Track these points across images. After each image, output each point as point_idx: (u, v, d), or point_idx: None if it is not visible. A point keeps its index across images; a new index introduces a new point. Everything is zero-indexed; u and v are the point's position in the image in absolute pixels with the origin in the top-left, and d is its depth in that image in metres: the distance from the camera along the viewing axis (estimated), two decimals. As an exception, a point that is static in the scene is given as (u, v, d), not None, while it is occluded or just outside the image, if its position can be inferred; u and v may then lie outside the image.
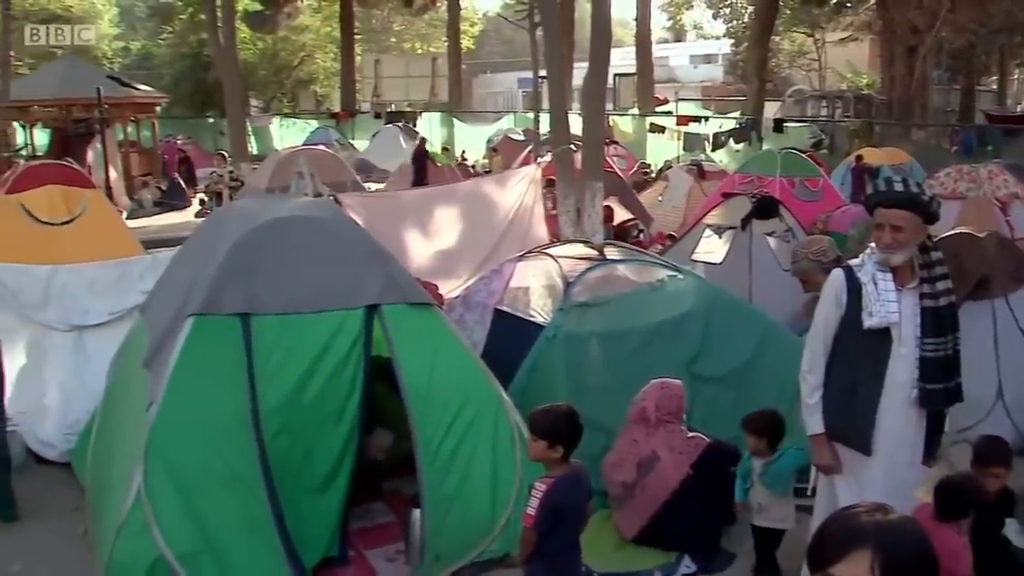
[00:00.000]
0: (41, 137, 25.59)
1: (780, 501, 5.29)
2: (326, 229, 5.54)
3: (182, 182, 23.19)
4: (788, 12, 37.81)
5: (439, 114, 36.08)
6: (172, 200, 22.18)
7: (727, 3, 50.51)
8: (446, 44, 41.50)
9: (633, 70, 35.99)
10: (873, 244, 4.53)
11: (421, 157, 23.14)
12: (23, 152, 23.93)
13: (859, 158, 17.99)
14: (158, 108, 26.75)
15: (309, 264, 5.32)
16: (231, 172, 19.24)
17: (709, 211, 11.38)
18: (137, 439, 5.02)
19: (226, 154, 21.52)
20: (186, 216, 20.74)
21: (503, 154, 24.41)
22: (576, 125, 13.61)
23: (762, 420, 5.35)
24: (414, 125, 32.19)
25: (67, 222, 10.10)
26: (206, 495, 4.93)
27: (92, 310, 7.57)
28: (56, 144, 22.20)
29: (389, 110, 36.00)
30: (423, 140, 24.50)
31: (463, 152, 29.96)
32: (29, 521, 6.47)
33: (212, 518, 4.91)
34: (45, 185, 10.38)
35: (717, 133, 25.53)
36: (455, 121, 35.04)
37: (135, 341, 6.14)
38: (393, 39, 56.88)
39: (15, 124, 23.50)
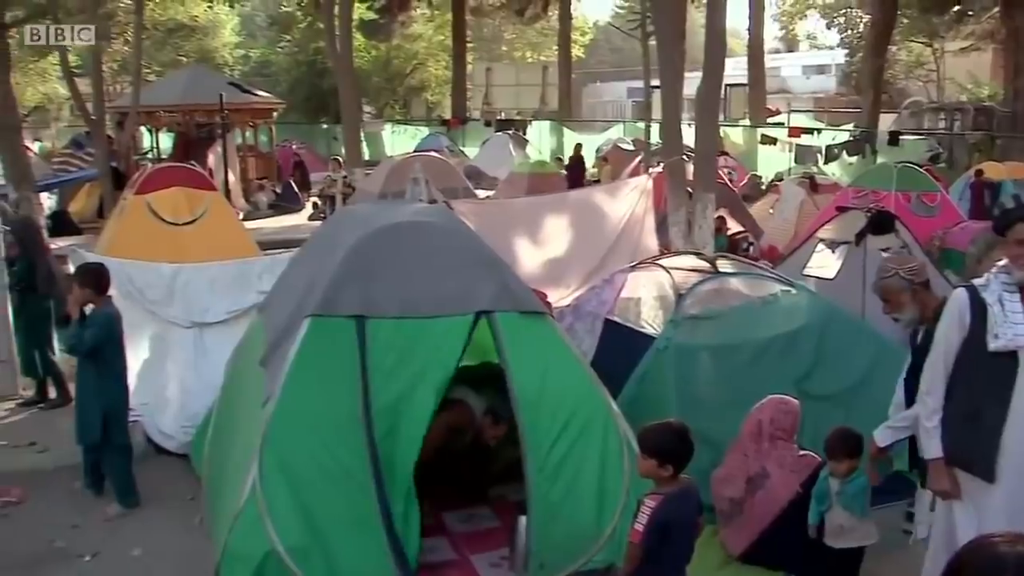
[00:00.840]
0: (165, 141, 26.63)
1: (860, 521, 5.13)
2: (441, 235, 5.62)
3: (296, 186, 23.77)
4: (906, 21, 36.68)
5: (548, 123, 36.20)
6: (286, 203, 22.77)
7: (842, 12, 49.32)
8: (557, 53, 41.60)
9: (744, 80, 35.45)
10: (1001, 263, 4.36)
11: (578, 164, 23.22)
12: (149, 155, 24.93)
13: (979, 172, 17.36)
14: (275, 114, 27.50)
15: (424, 269, 5.40)
16: (345, 177, 19.64)
17: (822, 225, 11.14)
18: (253, 434, 5.17)
19: (340, 159, 21.98)
20: (299, 219, 21.29)
21: (612, 164, 24.35)
22: (688, 136, 13.49)
23: (840, 440, 5.17)
24: (524, 133, 32.35)
25: (189, 222, 10.52)
26: (317, 491, 5.04)
27: (212, 308, 7.84)
28: (179, 148, 23.02)
29: (499, 118, 36.26)
30: (579, 146, 24.58)
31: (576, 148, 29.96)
32: (149, 508, 6.74)
33: (322, 514, 5.02)
34: (170, 187, 10.82)
35: (830, 145, 24.93)
36: (564, 130, 35.09)
37: (252, 339, 6.33)
38: (504, 48, 57.32)
39: (142, 128, 24.47)
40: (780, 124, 30.57)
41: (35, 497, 7.00)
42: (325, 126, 38.62)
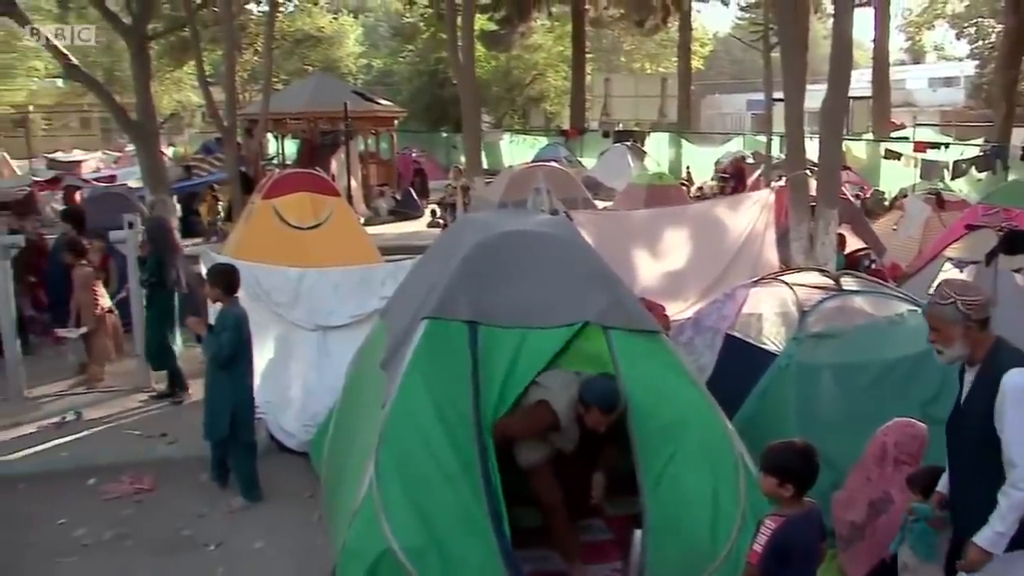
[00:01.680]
0: (290, 147, 27.46)
1: (922, 564, 4.79)
2: (557, 246, 5.66)
3: (415, 193, 24.18)
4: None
5: (667, 134, 35.92)
6: (406, 209, 23.22)
7: (972, 22, 47.50)
8: (676, 64, 41.26)
9: (868, 93, 34.48)
10: None
11: (740, 173, 22.96)
12: (274, 161, 25.74)
13: (1120, 190, 16.42)
14: (396, 122, 28.03)
15: (537, 279, 5.45)
16: (465, 185, 19.88)
17: (950, 243, 10.78)
18: (371, 435, 5.30)
19: (461, 168, 22.25)
20: (418, 225, 21.68)
21: (732, 177, 24.05)
22: (810, 149, 13.21)
23: (920, 476, 4.94)
24: (642, 145, 32.17)
25: (314, 227, 10.80)
26: (431, 492, 5.13)
27: (336, 312, 8.06)
28: (304, 154, 23.66)
29: (617, 129, 36.15)
30: (742, 158, 24.37)
31: (688, 169, 29.65)
32: (270, 503, 6.98)
33: (436, 514, 5.10)
34: (296, 192, 11.11)
35: (958, 161, 23.94)
36: (683, 142, 34.77)
37: (374, 343, 6.48)
38: (623, 59, 57.19)
39: (268, 135, 25.28)
40: (905, 138, 29.61)
41: (165, 486, 7.35)
42: (445, 135, 39.21)
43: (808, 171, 12.66)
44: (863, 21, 32.34)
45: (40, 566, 6.15)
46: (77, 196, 20.36)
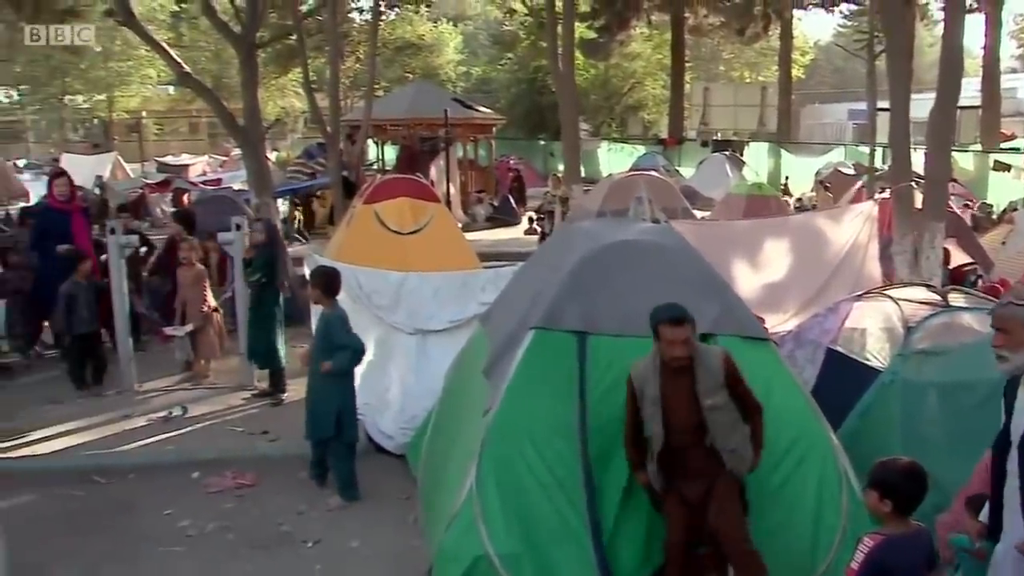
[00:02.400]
0: (389, 153, 27.87)
1: None
2: (666, 255, 5.63)
3: (513, 200, 24.28)
4: None
5: (766, 144, 35.40)
6: (503, 216, 23.34)
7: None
8: (776, 73, 40.62)
9: (976, 102, 33.38)
10: None
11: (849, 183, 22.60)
12: (374, 166, 26.15)
13: None
14: (495, 129, 28.20)
15: (647, 288, 5.41)
16: (564, 196, 19.88)
17: (1062, 259, 10.35)
18: (472, 440, 5.34)
19: (560, 176, 22.27)
20: (515, 232, 21.78)
21: (833, 188, 23.53)
22: (916, 160, 12.87)
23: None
24: (741, 154, 31.77)
25: (414, 232, 10.92)
26: (530, 500, 5.16)
27: (436, 316, 8.13)
28: (403, 160, 23.93)
29: (715, 138, 35.79)
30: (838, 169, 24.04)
31: (786, 180, 29.13)
32: (367, 503, 7.07)
33: (534, 523, 5.13)
34: (397, 197, 11.25)
35: (1072, 173, 23.08)
36: (782, 152, 34.21)
37: (474, 349, 6.53)
38: (722, 67, 56.60)
39: (368, 140, 25.73)
40: (1015, 149, 28.62)
41: (266, 482, 7.52)
42: (542, 142, 39.34)
43: (913, 183, 12.32)
44: (973, 27, 31.39)
45: (149, 554, 6.36)
46: (185, 198, 21.07)
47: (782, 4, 36.99)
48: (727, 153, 30.66)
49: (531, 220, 21.79)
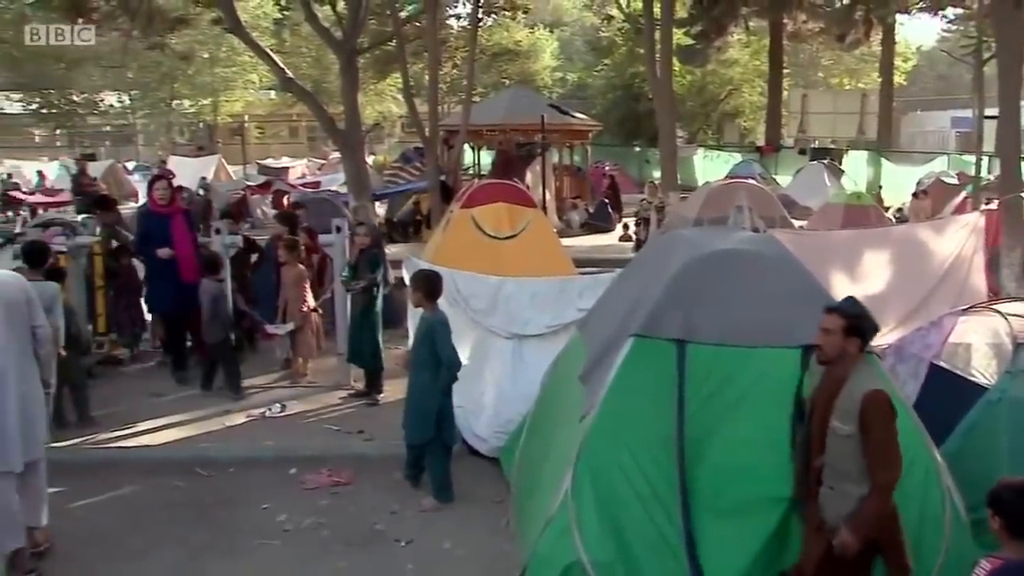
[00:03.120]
0: (485, 158, 28.04)
1: None
2: (768, 265, 5.53)
3: (608, 206, 24.17)
4: None
5: (866, 152, 34.54)
6: (598, 222, 23.25)
7: None
8: (876, 80, 39.60)
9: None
10: None
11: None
12: (470, 171, 26.34)
13: None
14: (590, 135, 28.11)
15: (748, 298, 5.33)
16: (660, 204, 19.73)
17: None
18: (568, 446, 5.32)
19: (657, 183, 22.11)
20: (610, 239, 21.69)
21: (933, 198, 22.81)
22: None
23: None
24: (839, 163, 31.07)
25: (510, 236, 10.93)
26: (625, 508, 5.12)
27: (532, 321, 8.12)
28: (499, 165, 24.07)
29: (813, 146, 35.07)
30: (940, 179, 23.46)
31: (879, 189, 28.37)
32: (459, 505, 7.11)
33: (628, 531, 5.09)
34: (494, 202, 11.28)
35: None
36: (882, 160, 33.33)
37: (571, 355, 6.51)
38: (821, 74, 55.39)
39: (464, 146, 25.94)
40: None
41: (360, 481, 7.63)
42: (638, 149, 39.12)
43: (1023, 194, 11.87)
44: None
45: (247, 546, 6.51)
46: (285, 200, 21.53)
47: (885, 9, 36.03)
48: (825, 161, 30.00)
49: (626, 227, 21.66)
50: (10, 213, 27.82)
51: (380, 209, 20.85)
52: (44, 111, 51.52)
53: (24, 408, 5.82)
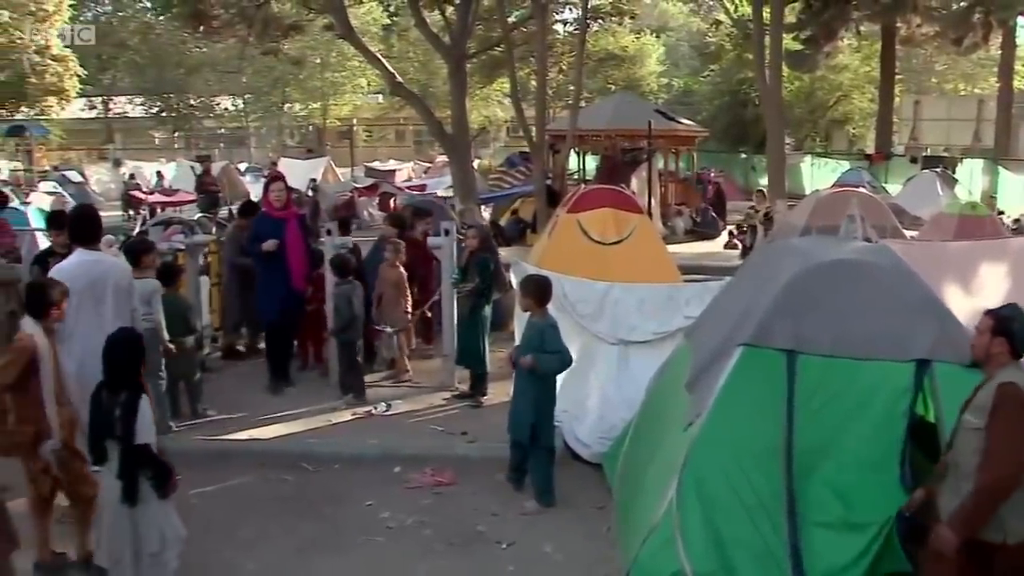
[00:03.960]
0: (590, 163, 27.99)
1: None
2: (883, 275, 5.38)
3: (714, 213, 23.86)
4: None
5: (982, 161, 33.29)
6: (703, 229, 22.96)
7: None
8: (995, 85, 38.12)
9: None
10: None
11: None
12: (575, 176, 26.31)
13: None
14: (696, 141, 27.78)
15: (862, 309, 5.21)
16: (768, 213, 19.37)
17: None
18: (673, 455, 5.27)
19: (765, 191, 21.75)
20: (714, 246, 21.39)
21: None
22: None
23: None
24: (953, 171, 30.02)
25: (616, 242, 10.88)
26: (730, 519, 5.05)
27: (639, 327, 8.09)
28: (604, 170, 24.02)
29: (925, 154, 33.97)
30: None
31: (991, 198, 27.28)
32: (561, 510, 7.10)
33: (732, 542, 5.02)
34: (601, 207, 11.25)
35: None
36: (999, 169, 32.05)
37: (677, 363, 6.44)
38: (934, 79, 53.63)
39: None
40: None
41: (463, 482, 7.68)
42: (744, 155, 38.49)
43: None
44: None
45: (351, 541, 6.63)
46: (391, 202, 21.88)
47: (1008, 11, 34.67)
48: (938, 170, 29.01)
49: (731, 234, 21.35)
50: (131, 212, 29.06)
51: (485, 213, 20.93)
52: (164, 114, 53.71)
53: None
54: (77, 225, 7.03)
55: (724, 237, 22.02)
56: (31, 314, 5.98)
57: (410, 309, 10.43)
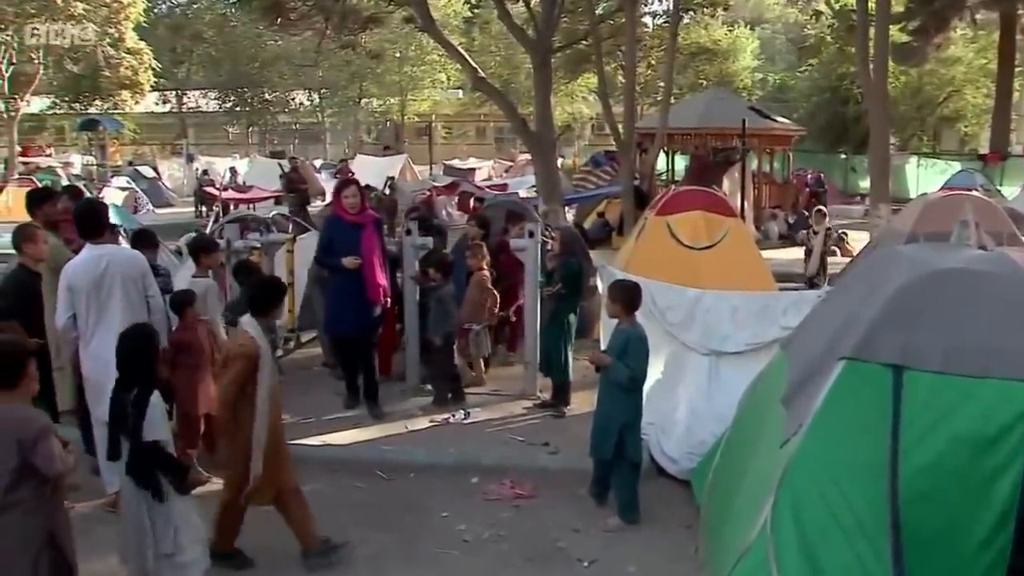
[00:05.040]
0: (678, 163, 27.79)
1: None
2: (1002, 286, 5.21)
3: (810, 217, 23.47)
4: None
5: (1110, 161, 32.21)
6: (798, 234, 22.59)
7: None
8: None
9: None
10: None
11: None
12: (662, 176, 26.17)
13: None
14: (792, 140, 27.37)
15: (978, 323, 5.04)
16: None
17: None
18: (768, 474, 5.19)
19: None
20: (811, 254, 21.01)
21: None
22: None
23: None
24: (1075, 172, 29.11)
25: (707, 247, 10.81)
26: (828, 543, 4.93)
27: (731, 338, 8.02)
28: (694, 171, 23.82)
29: (1047, 154, 32.99)
30: None
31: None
32: (646, 527, 7.06)
33: (830, 568, 4.90)
34: (692, 210, 11.19)
35: None
36: None
37: (773, 376, 6.35)
38: (1059, 72, 51.98)
39: (654, 149, 25.81)
40: None
41: (543, 495, 7.69)
42: (843, 156, 37.83)
43: None
44: None
45: (426, 553, 6.68)
46: (471, 202, 22.04)
47: None
48: (1061, 171, 28.16)
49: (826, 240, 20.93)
50: (204, 208, 29.79)
51: (568, 214, 20.94)
52: (237, 109, 54.91)
53: None
54: (81, 219, 7.23)
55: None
56: (255, 312, 6.18)
57: (496, 310, 10.48)
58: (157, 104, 54.64)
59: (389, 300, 9.67)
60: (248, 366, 5.92)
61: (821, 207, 19.89)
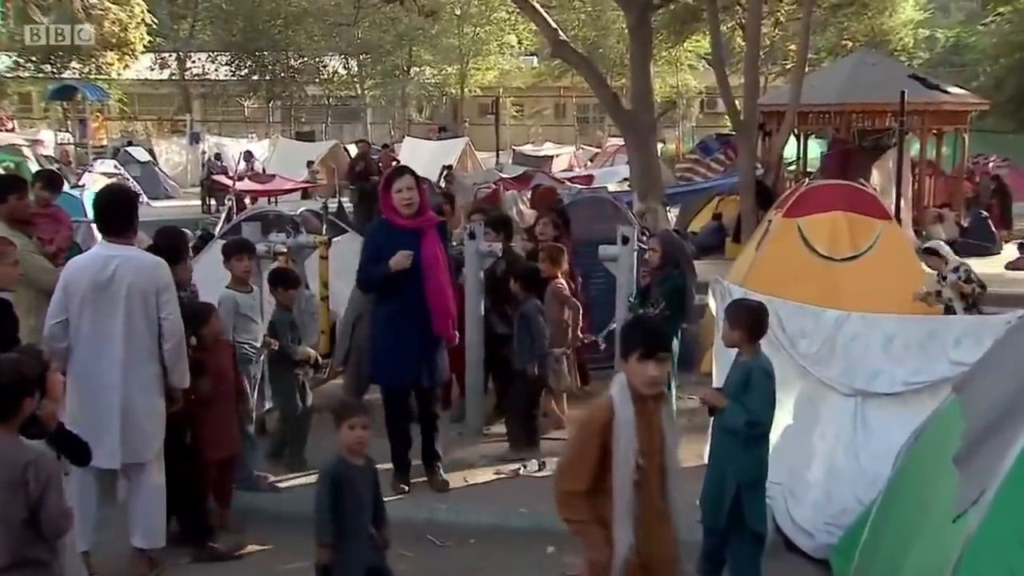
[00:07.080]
0: (813, 150, 27.44)
1: None
2: None
3: (992, 220, 23.13)
4: None
5: None
6: (975, 240, 22.18)
7: None
8: None
9: None
10: None
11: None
12: (792, 166, 25.93)
13: None
14: (970, 117, 26.67)
15: None
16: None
17: None
18: (939, 554, 5.13)
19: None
20: (992, 265, 20.66)
21: None
22: None
23: None
24: None
25: (850, 258, 10.75)
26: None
27: (884, 374, 7.89)
28: (833, 159, 23.54)
29: None
30: None
31: None
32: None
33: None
34: (830, 210, 11.15)
35: None
36: None
37: (943, 426, 6.28)
38: None
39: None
40: None
41: (639, 573, 7.67)
42: (1041, 137, 36.95)
43: None
44: None
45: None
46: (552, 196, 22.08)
47: None
48: None
49: (1022, 248, 20.70)
50: (213, 202, 30.13)
51: (671, 214, 20.93)
52: (255, 78, 54.85)
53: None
54: (104, 210, 7.33)
55: (1009, 252, 21.43)
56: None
57: (579, 332, 10.50)
58: (152, 69, 55.11)
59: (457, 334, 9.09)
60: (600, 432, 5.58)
61: (931, 246, 19.38)
